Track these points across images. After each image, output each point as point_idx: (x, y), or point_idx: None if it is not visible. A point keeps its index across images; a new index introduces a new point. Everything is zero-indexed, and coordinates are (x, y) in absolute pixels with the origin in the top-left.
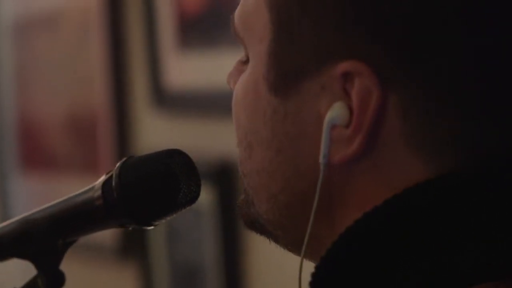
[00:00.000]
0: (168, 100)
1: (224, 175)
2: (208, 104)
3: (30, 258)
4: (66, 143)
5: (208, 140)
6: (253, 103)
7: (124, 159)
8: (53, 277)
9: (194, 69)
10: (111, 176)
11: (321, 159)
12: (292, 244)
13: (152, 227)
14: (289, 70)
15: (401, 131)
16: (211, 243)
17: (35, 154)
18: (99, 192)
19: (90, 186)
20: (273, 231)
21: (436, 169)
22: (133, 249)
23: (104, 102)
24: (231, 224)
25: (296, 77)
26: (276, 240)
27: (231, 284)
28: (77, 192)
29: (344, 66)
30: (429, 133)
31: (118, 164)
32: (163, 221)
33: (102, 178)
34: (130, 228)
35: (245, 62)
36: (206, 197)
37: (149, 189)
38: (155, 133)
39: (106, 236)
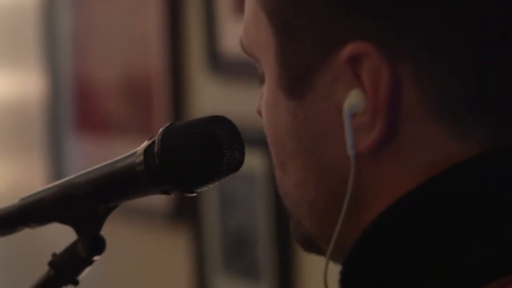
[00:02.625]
0: (223, 65)
1: None
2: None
3: (70, 222)
4: (121, 107)
5: None
6: (276, 117)
7: (167, 124)
8: (93, 242)
9: None
10: (154, 141)
11: (349, 151)
12: (336, 254)
13: (194, 194)
14: (299, 71)
15: (420, 103)
16: (264, 210)
17: (91, 117)
18: (141, 158)
19: (133, 151)
20: (321, 245)
21: (471, 145)
22: (186, 214)
23: (159, 66)
24: None
25: (307, 76)
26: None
27: (283, 251)
28: (119, 157)
29: (348, 49)
30: (450, 101)
31: (161, 130)
32: (206, 188)
33: (145, 143)
34: (171, 194)
35: (263, 80)
36: (259, 163)
37: (192, 156)
38: (210, 98)
39: (159, 201)
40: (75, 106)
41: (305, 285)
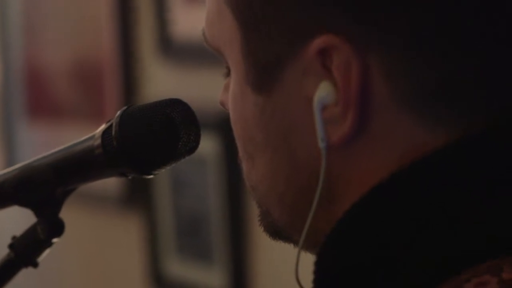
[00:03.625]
0: (175, 50)
1: (229, 125)
2: (215, 54)
3: (29, 205)
4: (73, 92)
5: (213, 90)
6: (243, 111)
7: (124, 108)
8: (52, 224)
9: (202, 19)
10: (111, 125)
11: (320, 143)
12: (308, 245)
13: (151, 176)
14: (267, 64)
15: (390, 94)
16: (215, 193)
17: (42, 103)
18: (98, 141)
19: (91, 134)
20: (291, 236)
21: (443, 134)
22: (138, 198)
23: (111, 51)
24: (236, 174)
25: (275, 69)
26: (297, 245)
27: (235, 233)
28: (77, 141)
29: (317, 43)
30: (421, 91)
31: (118, 113)
32: (163, 170)
33: (102, 126)
34: (129, 177)
35: (228, 73)
36: (211, 147)
37: (149, 138)
38: (161, 82)
39: (111, 185)
40: (27, 92)
41: (257, 266)
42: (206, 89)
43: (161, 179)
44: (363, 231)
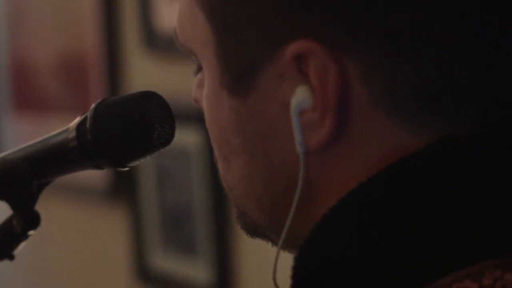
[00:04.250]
0: (158, 43)
1: None
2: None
3: (5, 198)
4: (57, 85)
5: None
6: (218, 114)
7: (98, 100)
8: (28, 217)
9: None
10: (86, 117)
11: (298, 148)
12: (287, 246)
13: (126, 169)
14: (242, 68)
15: (368, 99)
16: (200, 185)
17: (26, 96)
18: (73, 134)
19: (65, 127)
20: (269, 235)
21: (421, 137)
22: (122, 191)
23: (95, 44)
24: None
25: (250, 73)
26: (275, 244)
27: (219, 226)
28: (52, 133)
29: (292, 48)
30: (399, 95)
31: (92, 106)
32: (137, 162)
33: (77, 119)
34: (104, 169)
35: (199, 70)
36: (195, 140)
37: (123, 131)
38: (145, 75)
39: (96, 178)
40: (12, 85)
41: (242, 259)
42: (190, 82)
43: (146, 172)
44: (340, 235)
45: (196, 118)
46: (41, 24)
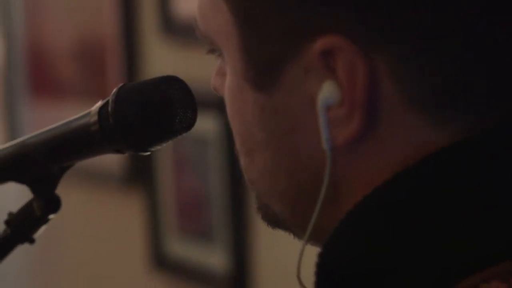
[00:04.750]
0: (176, 28)
1: None
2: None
3: (26, 182)
4: (75, 71)
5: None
6: (242, 107)
7: (120, 85)
8: (49, 201)
9: None
10: (107, 101)
11: (324, 145)
12: (310, 239)
13: (147, 153)
14: (266, 62)
15: (397, 95)
16: (217, 172)
17: (44, 81)
18: (95, 118)
19: (87, 111)
20: (292, 228)
21: (449, 134)
22: (140, 177)
23: (113, 30)
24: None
25: (275, 67)
26: (298, 237)
27: (236, 213)
28: (73, 117)
29: (320, 44)
30: (429, 91)
31: (114, 90)
32: (159, 147)
33: (99, 103)
34: (125, 153)
35: (219, 55)
36: (212, 126)
37: (145, 115)
38: (163, 61)
39: (113, 163)
40: (29, 71)
41: (258, 246)
42: (208, 68)
43: (163, 158)
44: (366, 232)
45: (214, 104)
46: (58, 9)
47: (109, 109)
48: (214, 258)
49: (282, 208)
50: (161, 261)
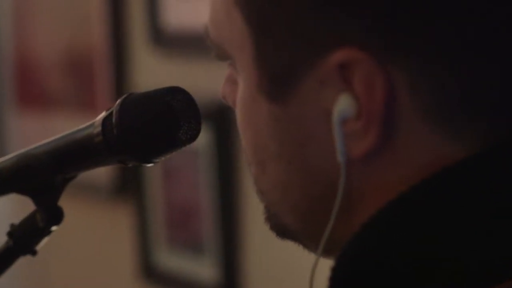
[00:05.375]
0: (166, 40)
1: (221, 116)
2: (205, 45)
3: (28, 193)
4: (63, 81)
5: (205, 80)
6: (255, 118)
7: (125, 95)
8: (51, 212)
9: (193, 10)
10: (111, 112)
11: (339, 157)
12: (324, 252)
13: (151, 164)
14: (281, 73)
15: (414, 107)
16: (207, 184)
17: (32, 92)
18: (99, 129)
19: (90, 122)
20: (303, 240)
21: (464, 145)
22: (129, 188)
23: (101, 41)
24: (228, 165)
25: (290, 78)
26: (308, 249)
27: (226, 224)
28: (77, 128)
29: (337, 56)
30: (445, 104)
31: (118, 101)
32: (163, 158)
33: (102, 114)
34: (129, 165)
35: (230, 64)
36: (203, 137)
37: (149, 126)
38: (152, 72)
39: (102, 175)
40: (17, 81)
41: (248, 258)
42: (197, 79)
43: (153, 169)
44: (381, 245)
45: (204, 115)
46: (47, 20)
47: (113, 120)
48: (204, 269)
49: (294, 220)
50: (150, 272)
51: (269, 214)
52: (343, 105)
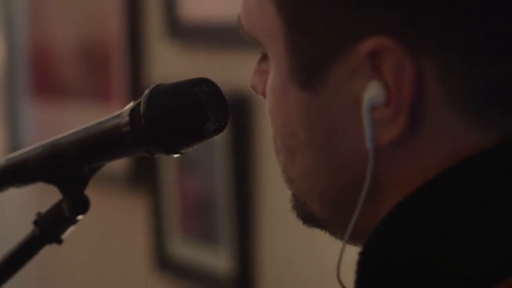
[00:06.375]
0: (182, 31)
1: (236, 107)
2: (222, 36)
3: (55, 182)
4: (79, 72)
5: (221, 71)
6: (286, 106)
7: (152, 86)
8: (78, 202)
9: (209, 1)
10: (139, 103)
11: (368, 144)
12: (350, 239)
13: (178, 155)
14: (313, 61)
15: (443, 97)
16: (222, 175)
17: (46, 82)
18: (127, 119)
19: (118, 112)
20: (330, 228)
21: (492, 136)
22: (144, 179)
23: (117, 31)
24: (243, 156)
25: (321, 67)
26: (335, 236)
27: (240, 215)
28: (104, 118)
29: (368, 44)
30: (474, 93)
31: (146, 92)
32: (190, 149)
33: (130, 104)
34: (156, 156)
35: (263, 58)
36: None
37: (177, 117)
38: (168, 63)
39: (117, 165)
40: (32, 72)
41: (262, 249)
42: (213, 71)
43: (167, 160)
44: (407, 232)
45: None
46: (63, 10)
47: (141, 110)
48: (218, 260)
49: (321, 207)
50: (165, 263)
51: (296, 202)
52: (372, 92)
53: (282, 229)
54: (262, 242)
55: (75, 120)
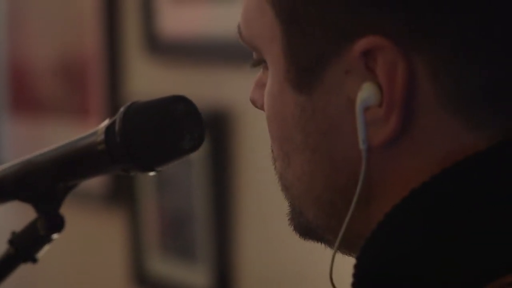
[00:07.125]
0: (160, 47)
1: (214, 123)
2: (201, 52)
3: (30, 201)
4: (57, 88)
5: (200, 88)
6: (282, 109)
7: (128, 103)
8: (52, 220)
9: (188, 17)
10: (115, 120)
11: (361, 145)
12: (343, 247)
13: (154, 173)
14: (308, 63)
15: (436, 96)
16: (200, 192)
17: (25, 98)
18: (102, 137)
19: (93, 130)
20: (325, 236)
21: (485, 136)
22: (122, 196)
23: (96, 47)
24: (221, 173)
25: (316, 68)
26: (330, 245)
27: (219, 232)
28: (80, 136)
29: (361, 44)
30: (466, 93)
31: (121, 109)
32: (165, 167)
33: (106, 122)
34: (132, 174)
35: (256, 64)
36: None
37: (152, 135)
38: (147, 80)
39: (95, 183)
40: (9, 87)
41: (241, 265)
42: (192, 87)
43: (146, 176)
44: (405, 234)
45: None
46: (41, 25)
47: (116, 128)
48: (197, 276)
49: (317, 213)
50: (143, 279)
51: (293, 212)
52: (366, 93)
53: (260, 244)
54: (240, 258)
55: (53, 136)
